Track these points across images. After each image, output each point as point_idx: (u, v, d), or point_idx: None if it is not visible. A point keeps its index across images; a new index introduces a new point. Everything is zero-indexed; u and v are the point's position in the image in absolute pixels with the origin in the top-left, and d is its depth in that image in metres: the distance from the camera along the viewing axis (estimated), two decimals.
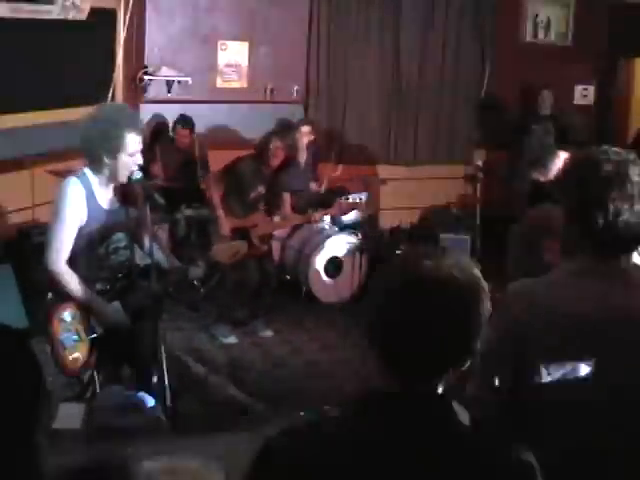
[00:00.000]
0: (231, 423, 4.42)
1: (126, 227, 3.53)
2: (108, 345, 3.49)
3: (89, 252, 3.44)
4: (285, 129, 5.80)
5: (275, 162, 5.75)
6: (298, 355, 5.64)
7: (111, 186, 3.49)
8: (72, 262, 3.43)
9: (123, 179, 3.42)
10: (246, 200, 5.82)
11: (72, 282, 3.40)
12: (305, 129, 6.92)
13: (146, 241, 3.65)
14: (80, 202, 3.36)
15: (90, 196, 3.41)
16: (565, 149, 4.63)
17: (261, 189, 5.83)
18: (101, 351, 3.48)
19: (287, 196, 6.26)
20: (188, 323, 6.09)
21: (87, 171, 3.43)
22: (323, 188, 7.00)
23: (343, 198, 6.44)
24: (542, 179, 4.80)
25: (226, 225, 5.78)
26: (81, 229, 3.39)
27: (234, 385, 5.05)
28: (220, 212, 5.81)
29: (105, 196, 3.47)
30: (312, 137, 6.98)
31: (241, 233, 5.82)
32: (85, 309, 3.43)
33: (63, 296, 3.43)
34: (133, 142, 3.36)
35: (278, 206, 6.33)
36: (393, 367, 1.49)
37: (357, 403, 1.50)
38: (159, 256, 3.64)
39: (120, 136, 3.33)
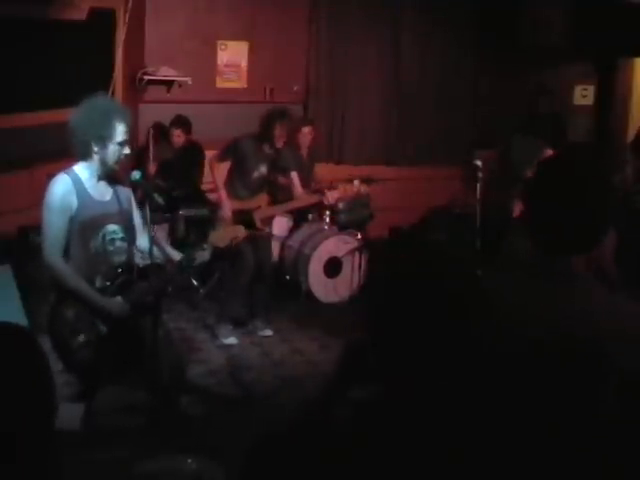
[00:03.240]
0: (231, 423, 4.42)
1: (119, 219, 3.58)
2: (110, 344, 3.50)
3: (84, 244, 3.46)
4: (285, 114, 5.75)
5: (280, 144, 5.72)
6: (298, 355, 5.64)
7: (102, 178, 3.56)
8: (70, 257, 3.44)
9: (112, 166, 3.52)
10: (249, 181, 5.76)
11: (68, 274, 3.42)
12: (306, 129, 6.97)
13: (141, 238, 3.69)
14: (68, 192, 3.44)
15: (80, 187, 3.48)
16: (534, 140, 4.65)
17: (263, 169, 5.77)
18: (103, 350, 3.48)
19: (295, 175, 6.18)
20: (188, 323, 6.09)
21: (76, 167, 3.51)
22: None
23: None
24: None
25: (227, 207, 5.75)
26: (72, 219, 3.42)
27: (234, 385, 5.05)
28: (222, 193, 5.76)
29: (96, 188, 3.54)
30: (312, 137, 7.05)
31: (243, 215, 5.79)
32: (87, 308, 3.43)
33: (67, 296, 3.43)
34: (122, 131, 3.48)
35: (284, 186, 6.24)
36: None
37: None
38: (157, 255, 3.65)
39: (110, 125, 3.44)
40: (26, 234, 5.56)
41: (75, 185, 3.46)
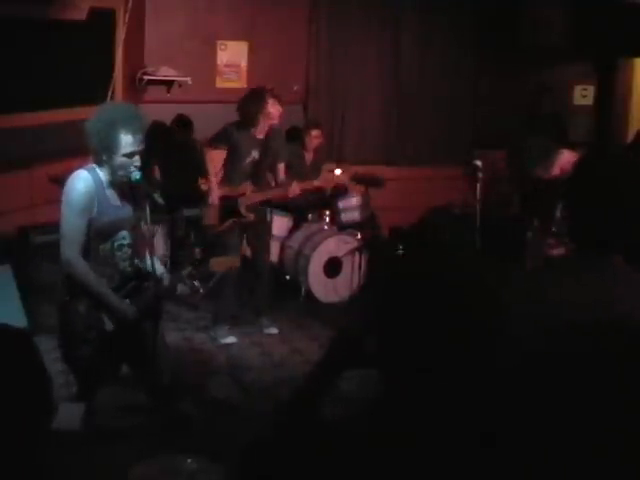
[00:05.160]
0: (230, 423, 4.42)
1: (130, 225, 3.54)
2: (112, 344, 3.50)
3: (95, 247, 3.44)
4: (263, 94, 5.74)
5: (270, 123, 5.70)
6: (298, 355, 5.64)
7: (115, 185, 3.49)
8: (83, 257, 3.44)
9: (121, 179, 3.42)
10: (240, 167, 5.74)
11: (84, 273, 3.39)
12: (315, 132, 6.98)
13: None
14: (89, 194, 3.37)
15: (100, 190, 3.41)
16: (565, 148, 4.64)
17: (255, 154, 5.76)
18: (105, 350, 3.48)
19: (282, 166, 6.05)
20: (188, 323, 6.09)
21: (97, 166, 3.45)
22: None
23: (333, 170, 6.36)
24: (545, 176, 4.80)
25: (215, 194, 5.75)
26: (90, 222, 3.39)
27: (234, 385, 5.05)
28: (213, 180, 5.77)
29: (113, 193, 3.48)
30: (320, 140, 7.04)
31: (229, 202, 5.77)
32: (97, 304, 3.44)
33: (77, 291, 3.43)
34: (128, 143, 3.34)
35: (272, 175, 6.10)
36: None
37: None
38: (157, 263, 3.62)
39: (114, 136, 3.32)
40: (26, 234, 5.56)
41: (96, 186, 3.39)
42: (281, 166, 6.03)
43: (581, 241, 1.98)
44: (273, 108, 5.68)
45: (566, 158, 4.66)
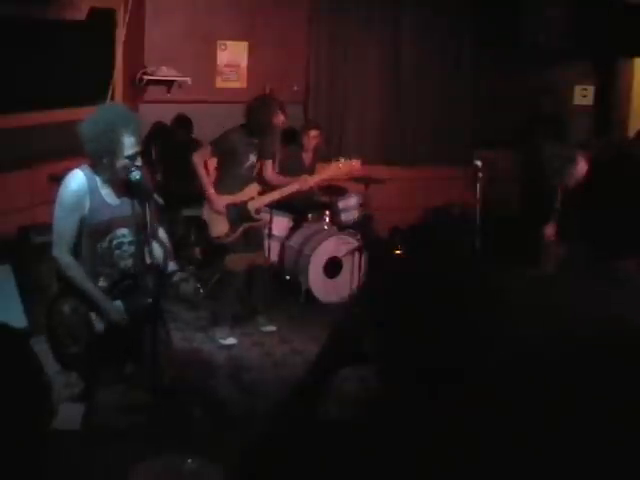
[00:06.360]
0: (230, 423, 4.42)
1: (131, 222, 3.53)
2: (109, 343, 3.50)
3: (92, 245, 3.45)
4: (275, 104, 5.77)
5: (276, 132, 5.77)
6: (298, 355, 5.64)
7: (115, 182, 3.49)
8: (76, 256, 3.45)
9: (123, 179, 3.43)
10: (239, 173, 5.72)
11: (72, 271, 3.42)
12: (313, 133, 6.97)
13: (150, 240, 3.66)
14: (82, 192, 3.39)
15: (94, 190, 3.42)
16: (566, 149, 4.63)
17: (253, 158, 5.76)
18: (101, 349, 3.48)
19: (269, 163, 6.00)
20: (188, 323, 6.09)
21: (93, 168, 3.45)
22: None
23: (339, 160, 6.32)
24: (563, 185, 4.76)
25: (219, 202, 5.71)
26: (83, 221, 3.40)
27: (234, 385, 5.05)
28: (210, 191, 5.75)
29: (109, 191, 3.48)
30: (319, 140, 7.03)
31: (238, 208, 5.75)
32: (86, 303, 3.44)
33: (66, 290, 3.44)
34: (130, 145, 3.36)
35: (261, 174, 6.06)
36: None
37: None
38: (159, 255, 3.61)
39: (116, 139, 3.33)
40: (26, 234, 5.56)
41: (90, 185, 3.41)
42: (268, 163, 5.99)
43: (592, 245, 1.97)
44: (279, 120, 5.74)
45: (582, 168, 4.61)
